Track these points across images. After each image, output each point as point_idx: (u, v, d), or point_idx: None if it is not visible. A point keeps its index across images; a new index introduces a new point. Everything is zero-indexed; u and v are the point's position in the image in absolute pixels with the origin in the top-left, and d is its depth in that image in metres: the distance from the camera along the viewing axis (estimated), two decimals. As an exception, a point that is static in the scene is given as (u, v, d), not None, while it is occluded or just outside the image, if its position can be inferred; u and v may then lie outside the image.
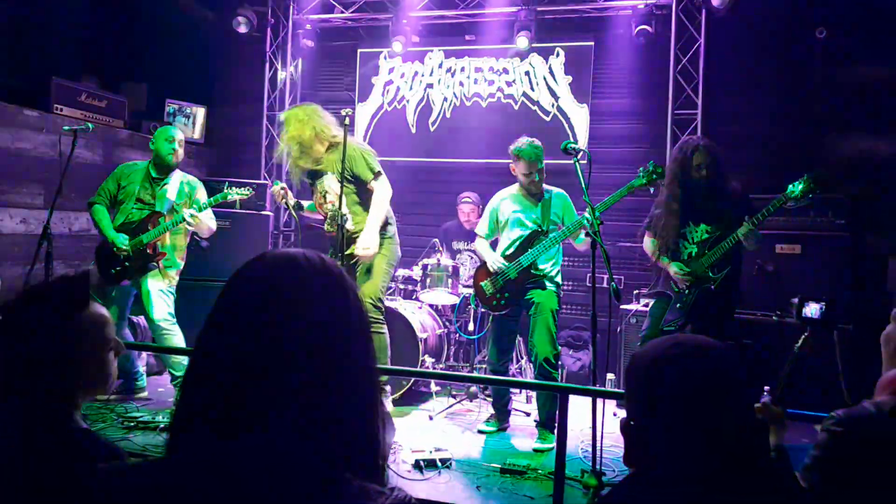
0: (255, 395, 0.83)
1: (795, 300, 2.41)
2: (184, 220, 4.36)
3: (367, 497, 0.81)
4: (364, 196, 4.32)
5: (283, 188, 4.35)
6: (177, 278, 4.60)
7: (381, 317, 4.32)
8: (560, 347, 4.55)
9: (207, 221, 4.55)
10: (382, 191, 4.27)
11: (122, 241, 4.36)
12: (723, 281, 3.86)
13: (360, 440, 0.88)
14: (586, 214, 3.56)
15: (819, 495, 1.52)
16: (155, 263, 4.43)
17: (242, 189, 4.49)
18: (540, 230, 4.20)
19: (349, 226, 4.23)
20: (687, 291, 3.93)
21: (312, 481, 0.81)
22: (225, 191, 4.42)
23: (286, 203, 4.35)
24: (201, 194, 4.61)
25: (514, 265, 4.19)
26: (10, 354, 1.37)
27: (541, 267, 4.20)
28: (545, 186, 4.30)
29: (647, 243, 4.18)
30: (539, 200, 4.28)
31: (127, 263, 4.40)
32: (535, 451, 3.96)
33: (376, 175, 4.27)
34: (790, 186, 3.67)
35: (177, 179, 4.59)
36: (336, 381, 0.86)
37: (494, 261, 4.26)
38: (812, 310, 2.10)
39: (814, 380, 3.99)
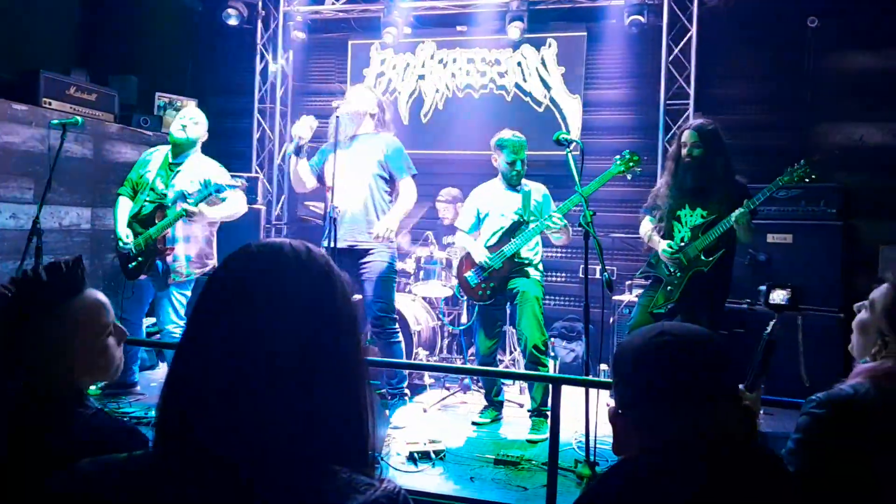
0: (239, 387, 0.82)
1: (763, 287, 2.45)
2: (181, 215, 4.20)
3: (356, 489, 0.81)
4: (387, 190, 4.28)
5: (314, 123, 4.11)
6: (194, 272, 4.43)
7: (397, 326, 4.33)
8: (549, 334, 4.56)
9: (214, 213, 4.35)
10: (413, 190, 4.26)
11: (122, 236, 4.33)
12: (715, 266, 3.84)
13: (348, 433, 0.87)
14: (567, 204, 3.53)
15: (805, 478, 1.53)
16: (164, 257, 4.32)
17: (234, 181, 4.36)
18: (522, 220, 4.22)
19: (355, 225, 4.16)
20: (679, 274, 3.93)
21: (299, 474, 0.81)
22: (210, 185, 4.22)
23: (300, 139, 4.07)
24: (219, 178, 4.35)
25: (498, 255, 4.21)
26: (3, 340, 1.36)
27: (523, 255, 4.24)
28: (523, 181, 4.33)
29: (644, 224, 4.21)
30: (519, 192, 4.32)
31: (140, 258, 4.33)
32: (529, 441, 3.97)
33: (413, 176, 4.28)
34: (787, 170, 3.69)
35: (192, 165, 4.39)
36: (322, 373, 0.85)
37: (480, 253, 4.27)
38: (779, 296, 2.13)
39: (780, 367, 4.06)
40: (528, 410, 4.29)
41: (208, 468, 0.81)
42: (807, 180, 3.69)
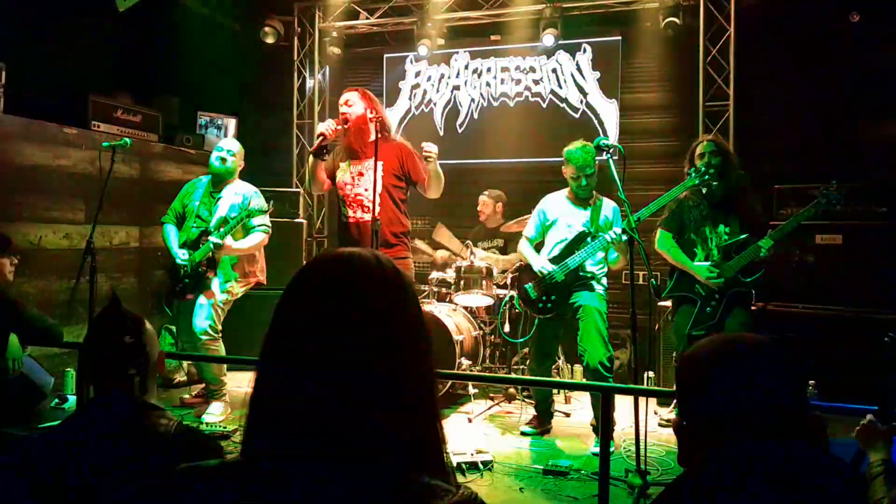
0: (320, 397, 0.84)
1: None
2: (209, 249, 4.34)
3: (435, 494, 0.83)
4: (403, 199, 4.17)
5: (338, 127, 3.99)
6: (240, 290, 4.61)
7: None
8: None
9: (239, 246, 4.48)
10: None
11: (179, 256, 4.48)
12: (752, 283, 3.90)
13: (425, 440, 0.89)
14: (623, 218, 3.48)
15: None
16: (209, 279, 4.46)
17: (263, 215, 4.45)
18: (588, 233, 4.10)
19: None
20: (717, 295, 3.87)
21: (381, 479, 0.83)
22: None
23: (326, 141, 3.98)
24: (255, 203, 4.51)
25: (562, 267, 4.10)
26: (110, 354, 1.63)
27: (588, 269, 4.12)
28: (596, 193, 4.23)
29: (663, 240, 4.09)
30: (589, 206, 4.20)
31: (187, 280, 4.49)
32: (594, 455, 3.83)
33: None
34: (819, 194, 3.77)
35: (231, 192, 4.58)
36: (400, 380, 0.87)
37: (542, 265, 4.16)
38: None
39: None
40: (592, 425, 4.17)
41: (295, 475, 0.83)
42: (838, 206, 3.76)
